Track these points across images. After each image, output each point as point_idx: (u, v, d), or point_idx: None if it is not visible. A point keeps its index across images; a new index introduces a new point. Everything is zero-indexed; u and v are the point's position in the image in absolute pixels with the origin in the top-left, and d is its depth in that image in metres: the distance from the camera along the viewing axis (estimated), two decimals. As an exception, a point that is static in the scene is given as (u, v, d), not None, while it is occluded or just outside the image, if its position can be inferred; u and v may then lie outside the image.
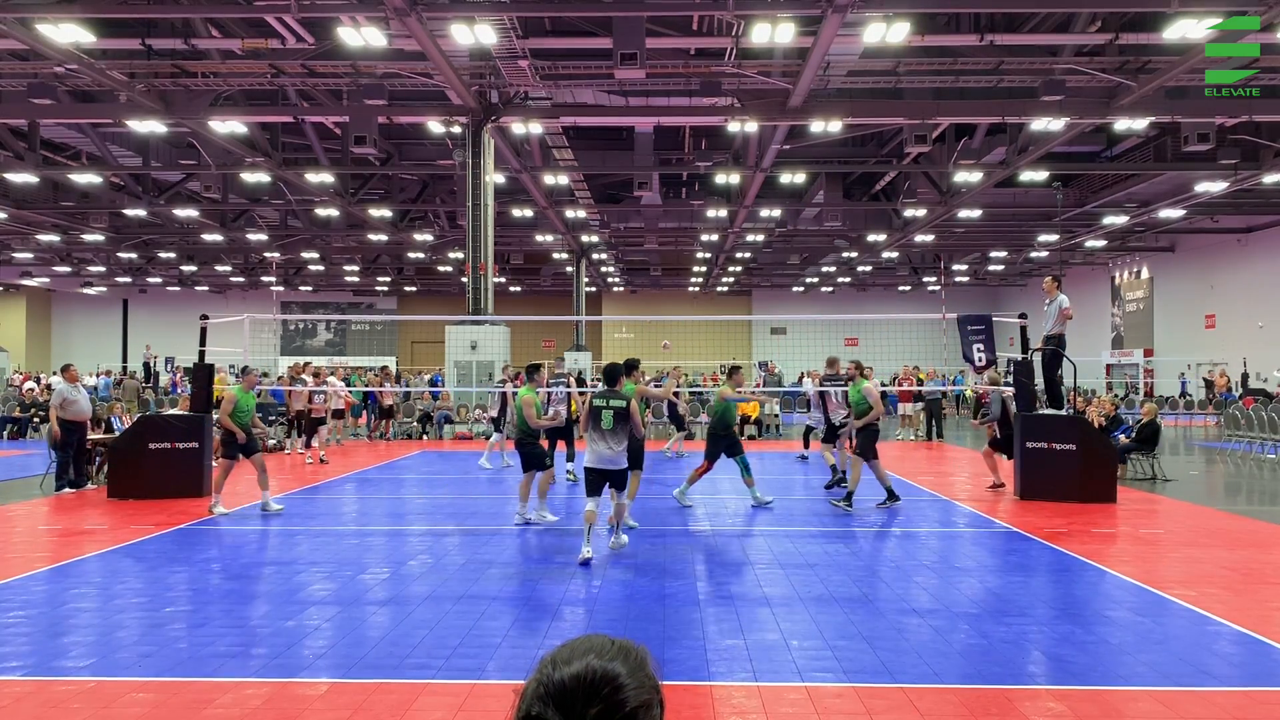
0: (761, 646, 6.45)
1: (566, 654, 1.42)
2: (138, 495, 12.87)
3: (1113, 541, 10.45)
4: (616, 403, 9.17)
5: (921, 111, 21.18)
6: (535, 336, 54.68)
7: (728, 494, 13.93)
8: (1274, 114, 20.57)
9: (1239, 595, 7.86)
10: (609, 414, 9.14)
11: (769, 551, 9.80)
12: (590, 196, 32.71)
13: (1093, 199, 31.85)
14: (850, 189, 33.76)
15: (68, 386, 14.20)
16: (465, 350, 21.39)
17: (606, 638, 1.46)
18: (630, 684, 1.39)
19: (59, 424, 13.80)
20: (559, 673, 1.39)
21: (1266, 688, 5.71)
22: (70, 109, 21.80)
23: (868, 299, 58.65)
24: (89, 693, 5.54)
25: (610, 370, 9.60)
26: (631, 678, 1.40)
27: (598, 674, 1.38)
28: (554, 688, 1.37)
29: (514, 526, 11.31)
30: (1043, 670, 6.05)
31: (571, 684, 1.37)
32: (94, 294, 58.10)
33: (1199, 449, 23.14)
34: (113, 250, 43.02)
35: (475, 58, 19.85)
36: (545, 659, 1.42)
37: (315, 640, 6.59)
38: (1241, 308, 36.79)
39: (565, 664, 1.40)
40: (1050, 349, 13.24)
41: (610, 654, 1.42)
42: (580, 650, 1.42)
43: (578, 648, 1.43)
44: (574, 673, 1.38)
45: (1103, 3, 17.02)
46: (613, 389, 9.36)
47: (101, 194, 31.88)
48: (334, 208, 32.09)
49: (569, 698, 1.36)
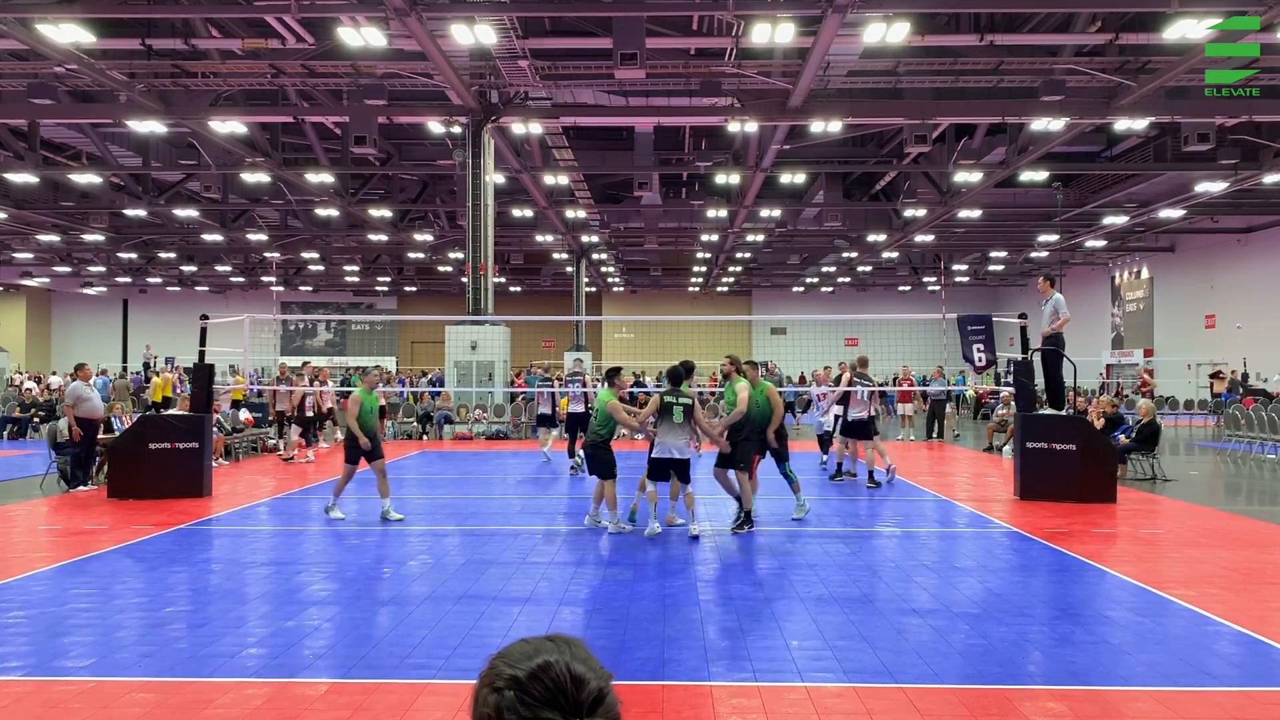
0: (761, 646, 6.45)
1: (519, 657, 1.38)
2: (138, 495, 12.86)
3: (1113, 542, 10.46)
4: (685, 400, 10.20)
5: (922, 111, 21.18)
6: (535, 337, 54.70)
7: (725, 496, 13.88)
8: (1274, 114, 20.58)
9: (1239, 595, 7.86)
10: (679, 409, 10.17)
11: (768, 552, 9.80)
12: (590, 196, 32.72)
13: (1093, 199, 31.84)
14: (850, 189, 33.75)
15: (82, 385, 14.32)
16: (465, 350, 21.40)
17: (540, 638, 1.43)
18: (594, 670, 1.38)
19: (76, 422, 13.96)
20: (529, 672, 1.35)
21: (1266, 688, 5.71)
22: (70, 109, 21.81)
23: (868, 299, 58.63)
24: (89, 693, 5.54)
25: (674, 373, 10.55)
26: (590, 665, 1.39)
27: (568, 666, 1.36)
28: (536, 687, 1.34)
29: (511, 527, 11.32)
30: (1043, 670, 6.05)
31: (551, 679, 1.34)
32: (94, 294, 58.11)
33: (1198, 449, 23.14)
34: (113, 250, 43.03)
35: (475, 58, 19.84)
36: (498, 669, 1.37)
37: (315, 640, 6.59)
38: (1241, 308, 36.80)
39: (527, 663, 1.36)
40: (1049, 349, 13.26)
41: (558, 648, 1.40)
42: (528, 652, 1.39)
43: (525, 650, 1.40)
44: (542, 666, 1.36)
45: (1103, 3, 17.03)
46: (677, 388, 10.32)
47: (101, 194, 31.89)
48: (334, 208, 32.10)
49: (560, 693, 1.33)
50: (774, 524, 11.53)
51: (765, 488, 13.28)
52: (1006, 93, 21.06)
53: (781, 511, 12.43)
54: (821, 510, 12.63)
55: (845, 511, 12.76)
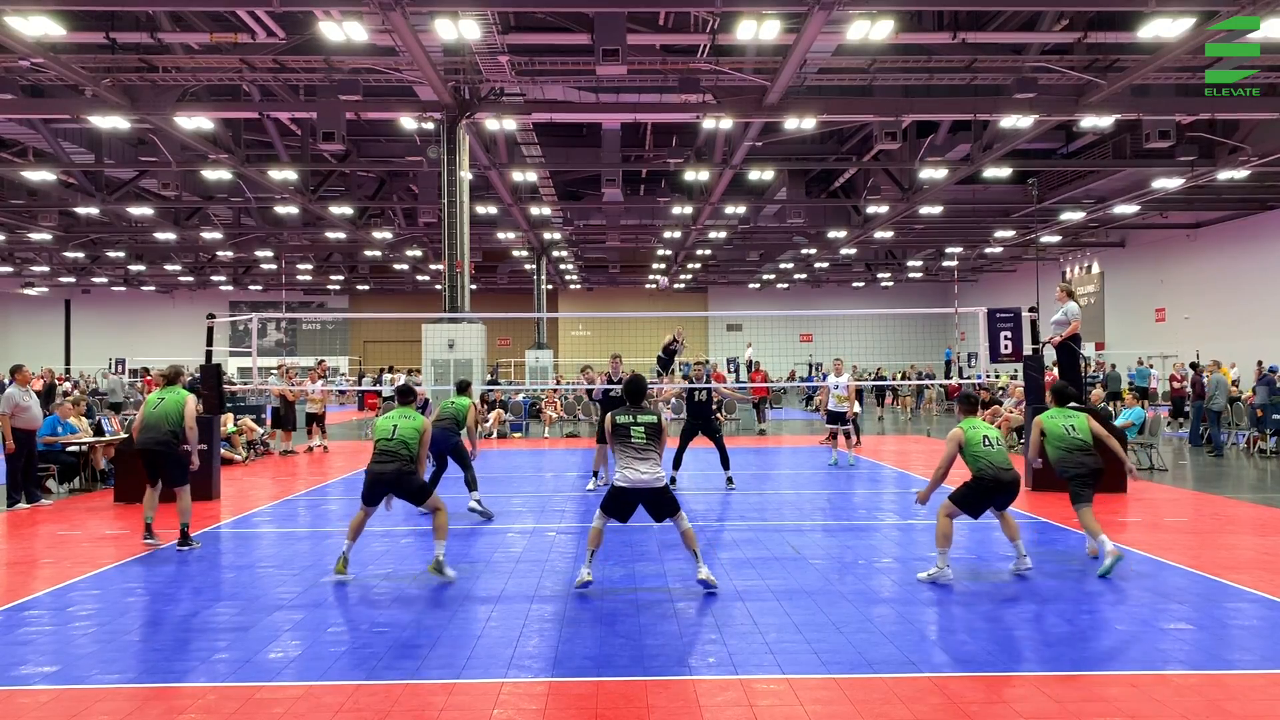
0: (741, 640, 6.44)
1: None
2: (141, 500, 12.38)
3: (1151, 531, 10.55)
4: (646, 418, 7.92)
5: (895, 108, 21.41)
6: (491, 334, 54.35)
7: (715, 489, 13.91)
8: (1235, 111, 21.13)
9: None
10: (639, 430, 7.84)
11: (756, 545, 9.79)
12: (554, 193, 32.59)
13: (1051, 195, 32.40)
14: (808, 186, 33.99)
15: (18, 390, 12.84)
16: (443, 349, 21.16)
17: None
18: None
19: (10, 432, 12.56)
20: None
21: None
22: (29, 104, 21.21)
23: (821, 294, 59.15)
24: (97, 695, 5.37)
25: (634, 387, 8.22)
26: None
27: None
28: None
29: (490, 526, 11.26)
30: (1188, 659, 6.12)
31: None
32: (35, 294, 56.55)
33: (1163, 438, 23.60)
34: (58, 250, 41.94)
35: (450, 53, 19.63)
36: None
37: (296, 642, 6.46)
38: (1191, 301, 37.74)
39: None
40: (1065, 347, 13.66)
41: None
42: None
43: None
44: None
45: (1072, 1, 17.27)
46: (639, 405, 8.13)
47: (51, 191, 31.00)
48: (294, 205, 31.57)
49: None
50: (757, 518, 11.53)
51: (760, 483, 13.29)
52: (976, 90, 21.34)
53: (769, 506, 12.43)
54: (820, 504, 12.71)
55: (871, 504, 12.82)
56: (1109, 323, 43.47)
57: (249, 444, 18.65)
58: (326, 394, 20.44)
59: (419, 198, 32.42)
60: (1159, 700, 5.34)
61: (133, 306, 59.68)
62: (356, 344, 62.50)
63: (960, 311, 29.50)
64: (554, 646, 6.36)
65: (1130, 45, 18.62)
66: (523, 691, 5.55)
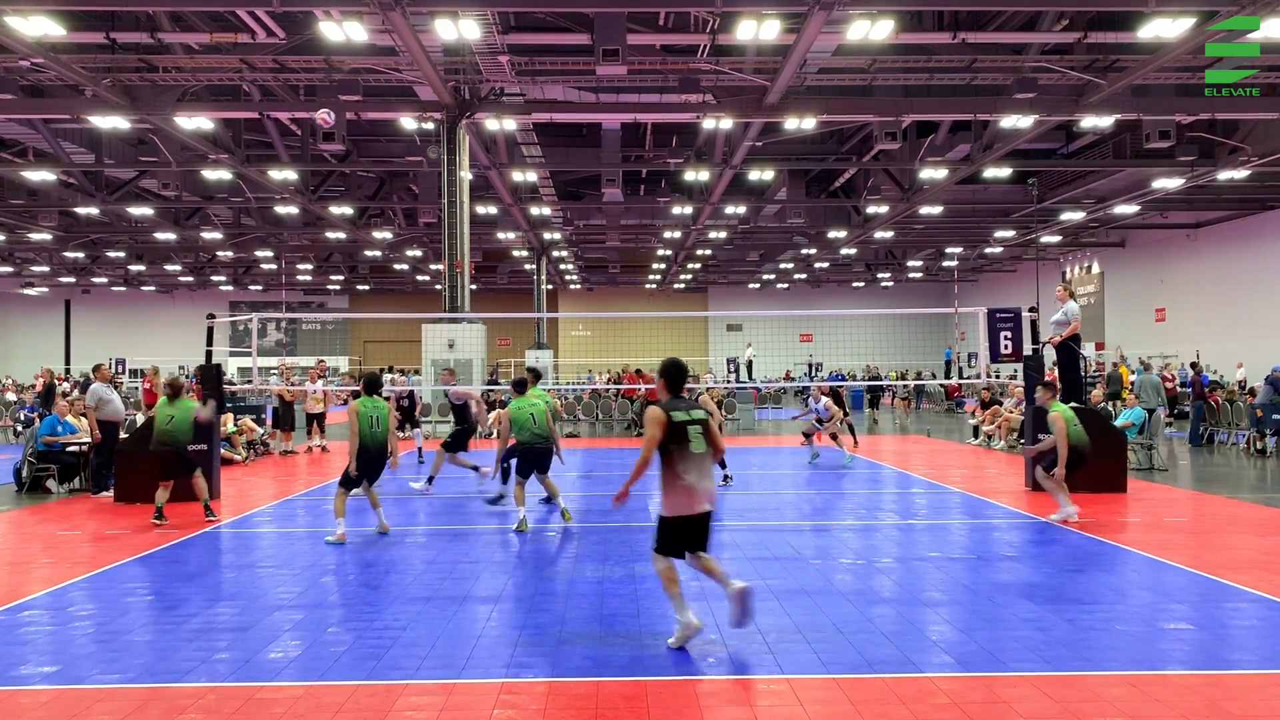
0: (741, 640, 6.43)
1: None
2: (147, 500, 12.36)
3: (1150, 531, 10.52)
4: (698, 414, 6.37)
5: (895, 109, 21.40)
6: (491, 334, 54.35)
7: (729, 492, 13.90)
8: (1236, 112, 21.11)
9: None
10: (696, 431, 6.26)
11: (760, 546, 9.78)
12: (554, 193, 32.60)
13: (1051, 195, 32.40)
14: (808, 186, 33.99)
15: (102, 386, 13.99)
16: (443, 349, 21.16)
17: None
18: None
19: (97, 425, 13.68)
20: None
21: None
22: (31, 104, 21.21)
23: (821, 294, 59.13)
24: (99, 695, 5.37)
25: (674, 372, 6.51)
26: None
27: None
28: None
29: (490, 526, 11.23)
30: (1191, 658, 6.13)
31: None
32: (35, 294, 56.53)
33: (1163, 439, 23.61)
34: (58, 250, 41.94)
35: (450, 53, 19.62)
36: None
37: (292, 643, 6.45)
38: (1191, 301, 37.72)
39: None
40: (1065, 347, 13.65)
41: None
42: None
43: None
44: None
45: (1072, 1, 17.27)
46: (684, 397, 6.55)
47: (51, 191, 30.99)
48: (294, 205, 31.57)
49: None
50: (761, 518, 11.53)
51: (759, 483, 13.27)
52: (977, 90, 21.34)
53: (770, 506, 12.42)
54: (820, 504, 12.71)
55: (883, 505, 12.82)
56: (1109, 323, 43.44)
57: (249, 444, 18.67)
58: (327, 394, 20.45)
59: (419, 198, 32.43)
60: (1159, 700, 5.33)
61: (133, 306, 59.66)
62: (356, 344, 62.49)
63: (960, 311, 29.52)
64: (554, 646, 6.35)
65: (1130, 45, 18.62)
66: (523, 691, 5.54)
